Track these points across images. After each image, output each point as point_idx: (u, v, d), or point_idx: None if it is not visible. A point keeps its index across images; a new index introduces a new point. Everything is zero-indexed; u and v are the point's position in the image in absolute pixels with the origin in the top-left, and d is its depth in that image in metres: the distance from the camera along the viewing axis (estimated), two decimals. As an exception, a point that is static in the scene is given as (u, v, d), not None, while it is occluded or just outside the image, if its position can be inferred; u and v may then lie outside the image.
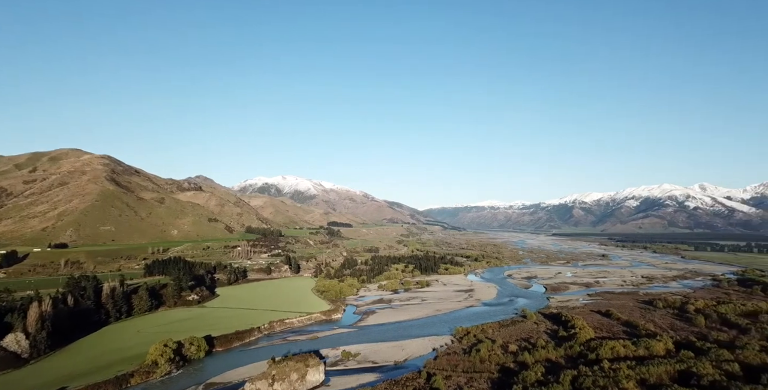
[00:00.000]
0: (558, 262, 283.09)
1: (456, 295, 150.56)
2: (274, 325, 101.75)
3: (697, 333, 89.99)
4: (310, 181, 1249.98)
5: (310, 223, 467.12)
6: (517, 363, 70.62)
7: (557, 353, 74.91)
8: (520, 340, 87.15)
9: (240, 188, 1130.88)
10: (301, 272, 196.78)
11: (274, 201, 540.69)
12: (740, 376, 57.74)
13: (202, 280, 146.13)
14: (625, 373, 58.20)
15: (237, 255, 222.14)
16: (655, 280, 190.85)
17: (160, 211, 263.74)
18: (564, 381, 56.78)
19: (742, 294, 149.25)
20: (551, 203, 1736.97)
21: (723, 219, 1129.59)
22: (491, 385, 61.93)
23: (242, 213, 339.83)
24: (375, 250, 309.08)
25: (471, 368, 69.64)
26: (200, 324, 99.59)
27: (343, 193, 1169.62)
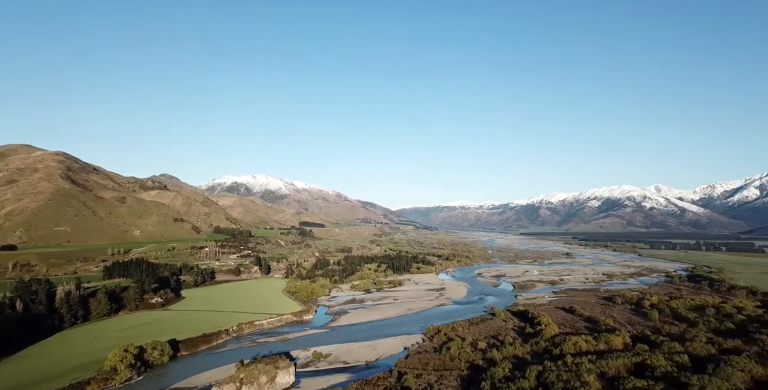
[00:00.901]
0: (525, 261, 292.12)
1: (427, 293, 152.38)
2: (243, 328, 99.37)
3: (651, 327, 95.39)
4: (281, 180, 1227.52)
5: (282, 223, 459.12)
6: (486, 360, 72.34)
7: (524, 349, 77.33)
8: (489, 338, 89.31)
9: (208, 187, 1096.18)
10: (271, 273, 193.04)
11: (244, 200, 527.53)
12: (689, 366, 61.73)
13: (166, 282, 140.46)
14: (587, 367, 60.88)
15: (204, 256, 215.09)
16: (614, 278, 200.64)
17: (121, 211, 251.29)
18: (530, 376, 58.73)
19: (691, 289, 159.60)
20: (519, 203, 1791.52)
21: (675, 218, 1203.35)
22: (460, 383, 63.14)
23: (210, 213, 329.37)
24: (348, 250, 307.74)
25: (441, 366, 70.73)
26: (164, 327, 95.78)
27: (316, 192, 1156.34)
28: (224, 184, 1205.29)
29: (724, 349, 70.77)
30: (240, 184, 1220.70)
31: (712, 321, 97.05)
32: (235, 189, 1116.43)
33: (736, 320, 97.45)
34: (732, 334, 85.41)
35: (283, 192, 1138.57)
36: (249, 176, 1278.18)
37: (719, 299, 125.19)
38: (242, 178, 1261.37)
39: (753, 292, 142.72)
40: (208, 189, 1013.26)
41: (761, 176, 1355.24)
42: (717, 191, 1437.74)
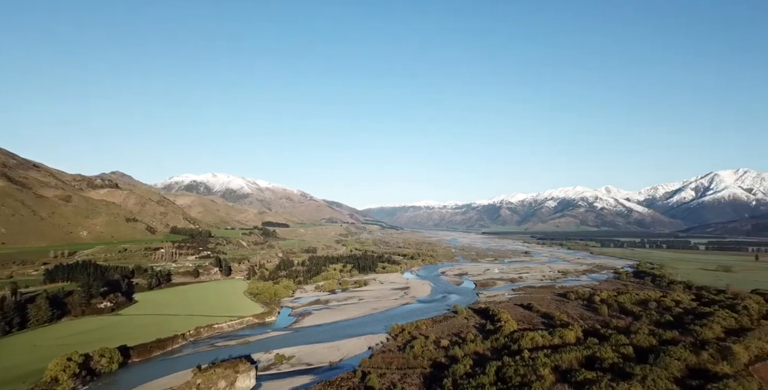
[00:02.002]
0: (487, 259, 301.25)
1: (392, 293, 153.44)
2: (201, 331, 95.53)
3: (601, 321, 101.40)
4: (243, 179, 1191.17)
5: (244, 223, 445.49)
6: (448, 357, 73.91)
7: (484, 346, 79.75)
8: (451, 335, 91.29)
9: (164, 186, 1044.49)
10: (232, 274, 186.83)
11: (204, 200, 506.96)
12: (633, 357, 66.29)
13: (117, 286, 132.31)
14: (542, 361, 63.75)
15: (160, 257, 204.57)
16: (568, 275, 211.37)
17: (65, 211, 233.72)
18: (489, 372, 60.68)
19: (636, 285, 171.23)
20: (481, 203, 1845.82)
21: (623, 218, 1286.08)
22: (423, 380, 64.14)
23: (167, 212, 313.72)
24: (313, 251, 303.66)
25: (405, 365, 71.50)
26: (114, 333, 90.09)
27: (280, 192, 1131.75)
28: (182, 182, 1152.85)
29: (663, 340, 76.59)
30: (199, 182, 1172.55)
31: (653, 314, 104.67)
32: (194, 188, 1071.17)
33: (674, 313, 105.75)
34: (671, 325, 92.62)
35: (246, 191, 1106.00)
36: (209, 175, 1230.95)
37: (660, 294, 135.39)
38: (202, 177, 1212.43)
39: (689, 286, 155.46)
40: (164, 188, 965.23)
41: (696, 179, 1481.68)
42: (659, 192, 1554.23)
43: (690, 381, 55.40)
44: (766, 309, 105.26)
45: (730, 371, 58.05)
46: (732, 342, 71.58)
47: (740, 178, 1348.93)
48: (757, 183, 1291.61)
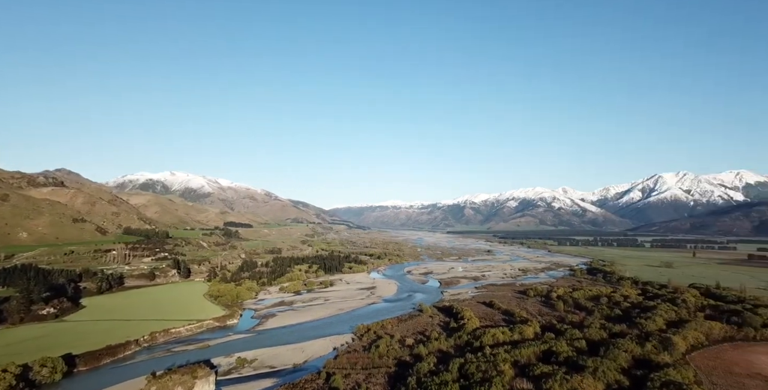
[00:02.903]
0: (451, 258, 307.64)
1: (359, 293, 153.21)
2: (157, 336, 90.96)
3: (557, 316, 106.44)
4: (204, 177, 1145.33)
5: (204, 223, 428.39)
6: (413, 356, 74.83)
7: (448, 343, 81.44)
8: (416, 334, 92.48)
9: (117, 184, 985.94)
10: (192, 277, 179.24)
11: (161, 199, 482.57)
12: (586, 350, 70.13)
13: (62, 290, 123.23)
14: (503, 356, 66.04)
15: (111, 260, 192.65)
16: (528, 272, 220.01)
17: (1, 210, 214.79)
18: (452, 369, 62.05)
19: (590, 281, 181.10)
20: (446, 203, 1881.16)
21: (578, 217, 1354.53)
22: (388, 379, 64.56)
23: (119, 212, 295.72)
24: (277, 251, 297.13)
25: (370, 364, 71.64)
26: (58, 341, 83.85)
27: (243, 191, 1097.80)
28: (137, 181, 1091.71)
29: (613, 333, 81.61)
30: (156, 181, 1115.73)
31: (604, 309, 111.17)
32: (151, 187, 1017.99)
33: (623, 307, 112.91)
34: (619, 319, 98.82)
35: (206, 190, 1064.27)
36: (167, 173, 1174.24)
37: (611, 289, 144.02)
38: (158, 175, 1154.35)
39: (636, 282, 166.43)
40: (117, 186, 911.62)
41: (643, 180, 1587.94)
42: (611, 193, 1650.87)
43: (635, 371, 59.36)
44: (701, 302, 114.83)
45: (670, 360, 62.76)
46: (672, 333, 77.43)
47: (680, 180, 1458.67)
48: (694, 185, 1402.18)
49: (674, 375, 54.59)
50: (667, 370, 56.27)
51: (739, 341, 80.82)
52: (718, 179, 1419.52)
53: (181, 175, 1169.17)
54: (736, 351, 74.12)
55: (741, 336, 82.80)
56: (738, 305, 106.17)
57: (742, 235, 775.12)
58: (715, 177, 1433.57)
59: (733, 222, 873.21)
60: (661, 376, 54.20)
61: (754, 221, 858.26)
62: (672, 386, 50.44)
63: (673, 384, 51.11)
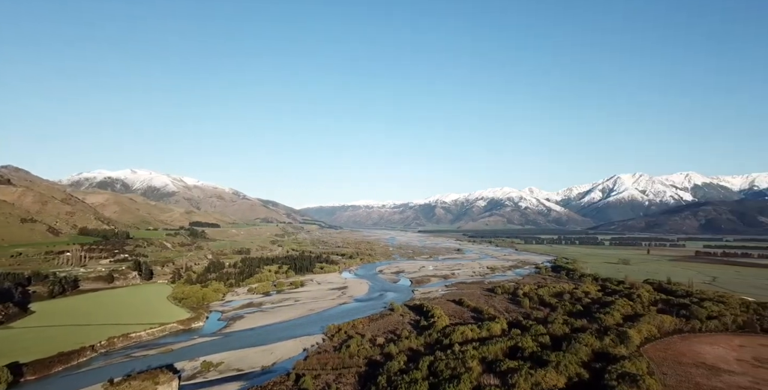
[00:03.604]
0: (422, 257, 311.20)
1: (330, 293, 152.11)
2: (115, 341, 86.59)
3: (523, 313, 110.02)
4: (168, 176, 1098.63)
5: (168, 223, 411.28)
6: (384, 355, 75.13)
7: (418, 342, 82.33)
8: (387, 333, 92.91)
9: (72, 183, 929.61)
10: (154, 278, 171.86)
11: (121, 198, 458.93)
12: (550, 345, 72.95)
13: (8, 295, 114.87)
14: (471, 353, 67.52)
15: (65, 262, 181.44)
16: (496, 270, 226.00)
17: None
18: (422, 367, 62.83)
19: (554, 278, 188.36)
20: (418, 203, 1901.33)
21: (544, 217, 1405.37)
22: (359, 379, 64.52)
23: (74, 212, 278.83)
24: (246, 252, 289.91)
25: (340, 364, 71.32)
26: (2, 349, 78.05)
27: (210, 190, 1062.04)
28: (94, 179, 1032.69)
29: (575, 328, 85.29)
30: (115, 179, 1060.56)
31: (567, 305, 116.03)
32: (109, 185, 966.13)
33: (584, 303, 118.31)
34: (581, 314, 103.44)
35: (171, 189, 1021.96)
36: (127, 171, 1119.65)
37: (573, 286, 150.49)
38: (118, 173, 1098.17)
39: (596, 278, 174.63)
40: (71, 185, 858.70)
41: (603, 181, 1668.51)
42: (574, 193, 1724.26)
43: (595, 364, 62.37)
44: (654, 297, 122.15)
45: (626, 353, 66.37)
46: (628, 327, 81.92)
47: (636, 181, 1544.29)
48: (649, 185, 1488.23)
49: (629, 367, 57.78)
50: (623, 363, 59.48)
51: (687, 333, 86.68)
52: (669, 180, 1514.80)
53: (143, 173, 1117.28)
54: (684, 342, 79.43)
55: (689, 328, 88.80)
56: (686, 299, 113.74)
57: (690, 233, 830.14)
58: (667, 178, 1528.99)
59: (683, 221, 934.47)
60: (618, 368, 57.23)
61: (700, 220, 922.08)
62: (627, 377, 53.39)
63: (628, 375, 54.12)
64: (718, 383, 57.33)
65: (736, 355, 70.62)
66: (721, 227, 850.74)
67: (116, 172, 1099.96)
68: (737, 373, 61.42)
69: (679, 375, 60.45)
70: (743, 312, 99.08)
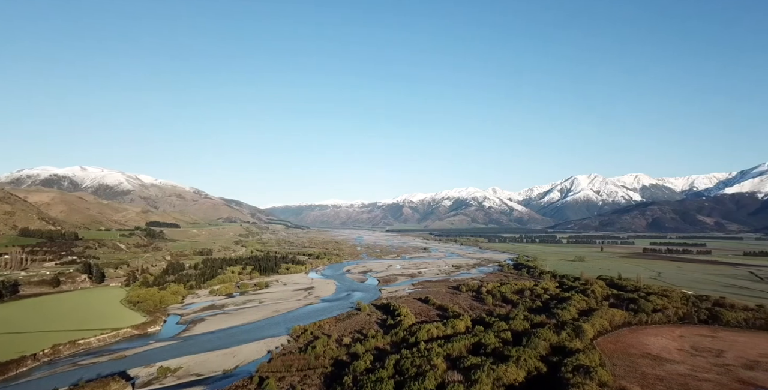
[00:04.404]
0: (390, 256, 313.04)
1: (296, 293, 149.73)
2: (61, 349, 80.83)
3: (487, 310, 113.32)
4: (122, 173, 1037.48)
5: (123, 223, 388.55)
6: (350, 355, 74.90)
7: (385, 341, 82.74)
8: (354, 332, 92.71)
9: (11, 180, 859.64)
10: (106, 282, 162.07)
11: (68, 197, 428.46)
12: (511, 341, 75.58)
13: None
14: (436, 351, 68.73)
15: (3, 265, 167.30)
16: (461, 269, 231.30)
17: None
18: (388, 366, 63.23)
19: (516, 276, 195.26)
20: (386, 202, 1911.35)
21: (506, 216, 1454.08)
22: (324, 380, 63.98)
23: (14, 211, 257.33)
24: (208, 253, 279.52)
25: (306, 366, 70.39)
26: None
27: (169, 189, 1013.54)
28: (37, 176, 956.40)
29: (534, 323, 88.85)
30: (62, 176, 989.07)
31: (528, 301, 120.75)
32: (55, 183, 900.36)
33: (543, 299, 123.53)
34: (540, 310, 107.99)
35: (125, 187, 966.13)
36: (76, 168, 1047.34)
37: (533, 283, 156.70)
38: (65, 170, 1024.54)
39: (554, 275, 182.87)
40: (11, 182, 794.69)
41: (561, 182, 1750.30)
42: (534, 193, 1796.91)
43: (552, 357, 65.30)
44: (606, 292, 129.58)
45: (580, 346, 69.95)
46: (583, 321, 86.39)
47: (591, 181, 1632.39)
48: (603, 186, 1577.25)
49: (583, 359, 61.00)
50: (578, 355, 62.69)
51: (635, 325, 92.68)
52: (621, 181, 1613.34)
53: (94, 170, 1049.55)
54: (633, 334, 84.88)
55: (636, 321, 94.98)
56: (635, 294, 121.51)
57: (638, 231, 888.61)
58: (618, 179, 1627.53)
59: (632, 219, 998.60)
60: (573, 361, 60.28)
61: (648, 219, 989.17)
62: (581, 370, 56.37)
63: (582, 367, 57.16)
64: (661, 372, 61.71)
65: (677, 345, 76.31)
66: (665, 225, 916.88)
67: (63, 169, 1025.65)
68: (677, 362, 66.40)
69: (627, 365, 64.52)
70: (683, 305, 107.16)
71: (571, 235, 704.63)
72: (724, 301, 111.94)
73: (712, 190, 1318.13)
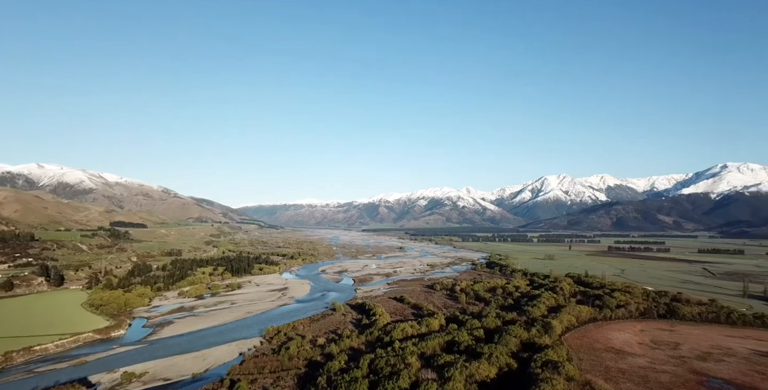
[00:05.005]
0: (366, 256, 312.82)
1: (269, 294, 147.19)
2: (14, 356, 76.20)
3: (460, 308, 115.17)
4: (84, 171, 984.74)
5: (84, 223, 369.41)
6: (324, 355, 74.41)
7: (360, 340, 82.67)
8: (328, 333, 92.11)
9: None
10: (66, 284, 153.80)
11: (23, 195, 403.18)
12: (483, 338, 77.17)
13: None
14: (411, 349, 69.27)
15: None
16: (436, 267, 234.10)
17: None
18: (363, 365, 63.21)
19: (488, 274, 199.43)
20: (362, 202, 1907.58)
21: (479, 215, 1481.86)
22: (298, 381, 63.25)
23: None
24: (177, 253, 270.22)
25: (279, 367, 69.39)
26: None
27: (135, 188, 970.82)
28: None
29: (506, 320, 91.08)
30: (17, 174, 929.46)
31: (500, 299, 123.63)
32: (9, 181, 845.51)
33: (515, 297, 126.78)
34: (511, 308, 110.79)
35: (88, 186, 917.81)
36: (32, 165, 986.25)
37: (505, 281, 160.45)
38: (20, 168, 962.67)
39: (525, 273, 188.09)
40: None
41: (533, 182, 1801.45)
42: (506, 193, 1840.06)
43: (522, 353, 67.13)
44: (574, 289, 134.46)
45: (549, 342, 72.26)
46: (552, 318, 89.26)
47: (561, 182, 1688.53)
48: (571, 186, 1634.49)
49: (552, 355, 63.07)
50: (547, 351, 64.75)
51: (600, 321, 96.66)
52: (588, 182, 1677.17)
53: (53, 168, 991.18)
54: (598, 330, 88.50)
55: (601, 316, 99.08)
56: (600, 290, 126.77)
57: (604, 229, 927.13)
58: (586, 180, 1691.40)
59: (599, 219, 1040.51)
60: (542, 356, 62.23)
61: (612, 218, 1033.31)
62: (550, 365, 58.27)
63: (551, 363, 59.10)
64: (623, 365, 64.67)
65: (638, 339, 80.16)
66: (628, 224, 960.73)
67: (18, 167, 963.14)
68: (638, 355, 69.78)
69: (592, 360, 67.23)
70: (644, 300, 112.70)
71: (542, 234, 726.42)
72: (680, 297, 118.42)
73: (670, 191, 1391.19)
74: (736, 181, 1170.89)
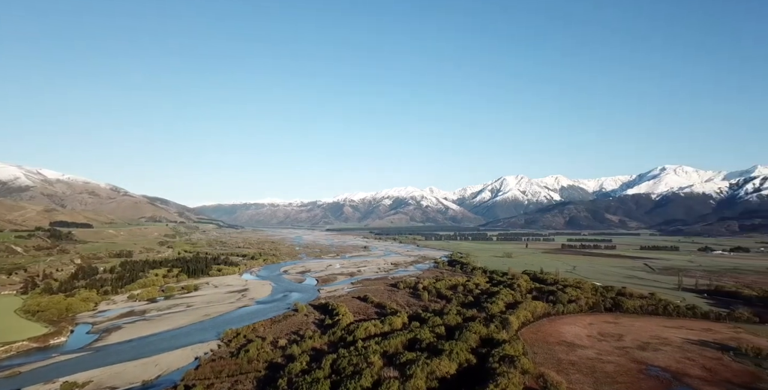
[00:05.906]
0: (329, 256, 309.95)
1: (228, 296, 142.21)
2: (-65, 374, 68.61)
3: (423, 306, 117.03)
4: (19, 168, 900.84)
5: (19, 223, 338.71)
6: (286, 357, 72.99)
7: (322, 341, 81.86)
8: (290, 334, 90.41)
9: None
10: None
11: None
12: (444, 335, 78.92)
13: None
14: (373, 348, 69.55)
15: None
16: (399, 266, 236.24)
17: None
18: (325, 366, 62.70)
19: (450, 272, 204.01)
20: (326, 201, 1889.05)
21: (442, 215, 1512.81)
22: (257, 384, 61.65)
23: None
24: (127, 255, 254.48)
25: (238, 371, 67.30)
26: None
27: (80, 185, 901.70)
28: None
29: (466, 317, 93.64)
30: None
31: (461, 296, 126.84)
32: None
33: (475, 294, 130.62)
34: (472, 305, 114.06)
35: (24, 183, 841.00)
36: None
37: (466, 278, 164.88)
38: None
39: (485, 271, 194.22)
40: None
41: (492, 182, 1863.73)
42: (468, 193, 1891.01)
43: (481, 349, 69.39)
44: (530, 285, 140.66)
45: (506, 337, 75.20)
46: (509, 314, 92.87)
47: (518, 182, 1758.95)
48: (528, 187, 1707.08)
49: (509, 349, 65.73)
50: (504, 346, 67.38)
51: (553, 316, 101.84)
52: (543, 182, 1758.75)
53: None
54: (551, 324, 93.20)
55: (555, 311, 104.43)
56: (554, 286, 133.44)
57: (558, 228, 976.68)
58: (542, 180, 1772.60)
59: (553, 218, 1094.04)
60: (500, 351, 64.68)
61: (566, 217, 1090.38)
62: (506, 359, 60.72)
63: (507, 357, 61.60)
64: (573, 357, 68.58)
65: (586, 332, 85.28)
66: (580, 223, 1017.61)
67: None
68: (587, 347, 74.27)
69: (546, 353, 70.74)
70: (593, 295, 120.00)
71: (501, 232, 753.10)
72: (625, 291, 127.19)
73: (617, 191, 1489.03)
74: (673, 183, 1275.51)
